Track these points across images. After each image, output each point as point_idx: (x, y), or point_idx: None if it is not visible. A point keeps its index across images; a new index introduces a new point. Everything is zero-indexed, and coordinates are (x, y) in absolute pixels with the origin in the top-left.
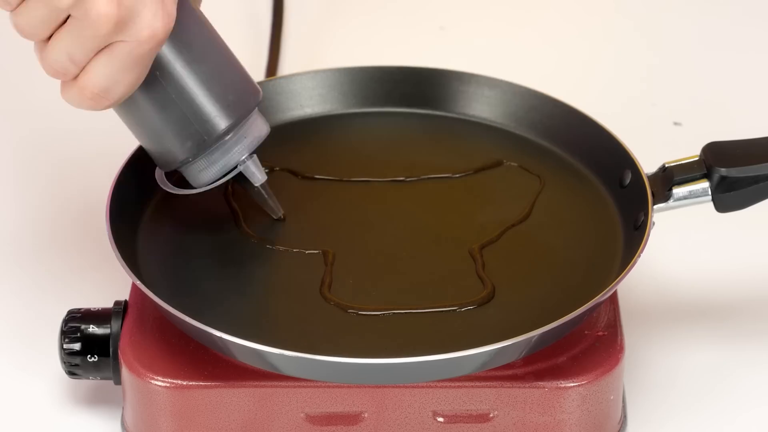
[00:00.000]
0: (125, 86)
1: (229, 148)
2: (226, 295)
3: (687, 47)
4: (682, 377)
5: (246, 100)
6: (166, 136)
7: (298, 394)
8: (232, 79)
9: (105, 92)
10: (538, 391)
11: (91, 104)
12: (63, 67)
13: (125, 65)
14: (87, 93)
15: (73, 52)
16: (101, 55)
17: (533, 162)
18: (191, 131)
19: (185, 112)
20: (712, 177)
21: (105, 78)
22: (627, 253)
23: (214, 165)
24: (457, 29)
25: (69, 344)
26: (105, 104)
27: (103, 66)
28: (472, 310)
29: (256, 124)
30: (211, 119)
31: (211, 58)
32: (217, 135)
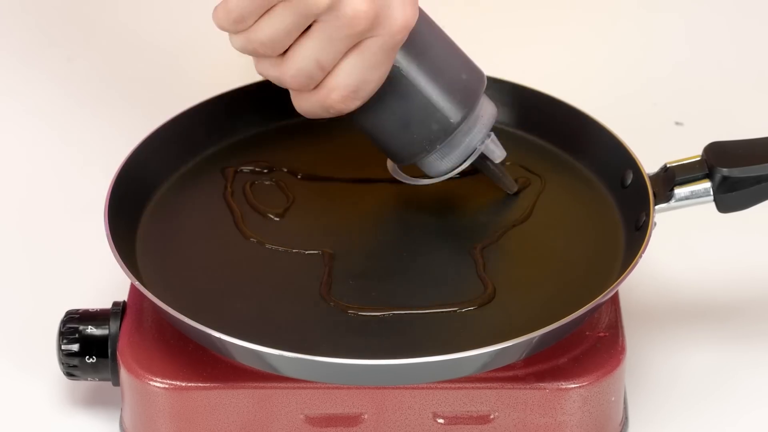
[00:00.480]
0: (375, 83)
1: (469, 130)
2: (225, 295)
3: (688, 46)
4: (684, 378)
5: (477, 82)
6: (410, 128)
7: (298, 396)
8: (462, 64)
9: (356, 92)
10: (539, 393)
11: (340, 107)
12: (310, 74)
13: (376, 61)
14: (335, 96)
15: (322, 56)
16: (350, 54)
17: (534, 162)
18: (436, 119)
19: (429, 100)
20: (714, 177)
21: (356, 77)
22: (628, 254)
23: (457, 149)
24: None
25: (67, 345)
26: (354, 105)
27: (354, 65)
28: (472, 310)
29: (486, 104)
30: (453, 104)
31: (440, 44)
32: (460, 117)
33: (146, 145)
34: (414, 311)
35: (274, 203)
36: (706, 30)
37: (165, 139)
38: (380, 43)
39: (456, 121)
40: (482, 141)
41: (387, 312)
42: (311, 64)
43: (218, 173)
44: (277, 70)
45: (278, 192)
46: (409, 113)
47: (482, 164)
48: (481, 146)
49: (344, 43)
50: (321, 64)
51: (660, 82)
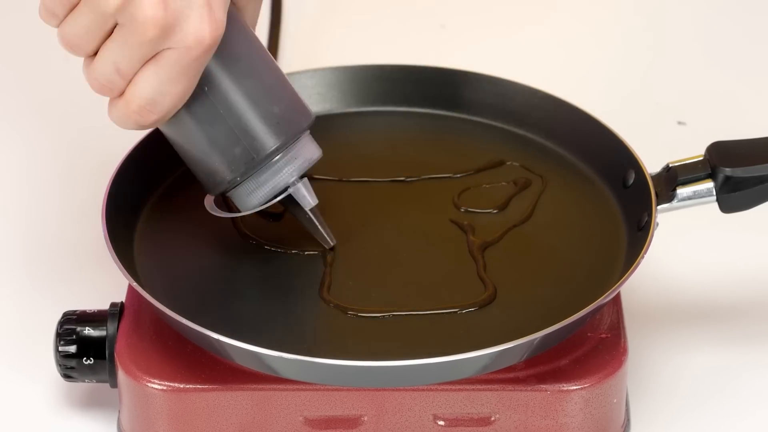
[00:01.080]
0: (173, 98)
1: (278, 169)
2: (223, 296)
3: (691, 45)
4: (686, 380)
5: (297, 121)
6: (214, 154)
7: (297, 398)
8: (282, 98)
9: (152, 105)
10: (541, 395)
11: (137, 119)
12: (109, 80)
13: (173, 75)
14: (133, 106)
15: (120, 61)
16: (148, 65)
17: (535, 162)
18: (240, 149)
19: (233, 128)
20: (717, 177)
21: (152, 89)
22: (630, 254)
23: (263, 186)
24: (457, 27)
25: (64, 347)
26: (152, 119)
27: (150, 76)
28: (473, 311)
29: (308, 146)
30: (260, 137)
31: (261, 75)
32: (266, 153)
33: (144, 145)
34: (414, 312)
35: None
36: (709, 29)
37: (163, 138)
38: (176, 56)
39: (258, 157)
40: (293, 183)
41: (387, 313)
42: (110, 68)
43: None
44: (86, 71)
45: None
46: (211, 139)
47: (296, 209)
48: (291, 188)
49: (139, 51)
50: (119, 70)
51: (662, 81)
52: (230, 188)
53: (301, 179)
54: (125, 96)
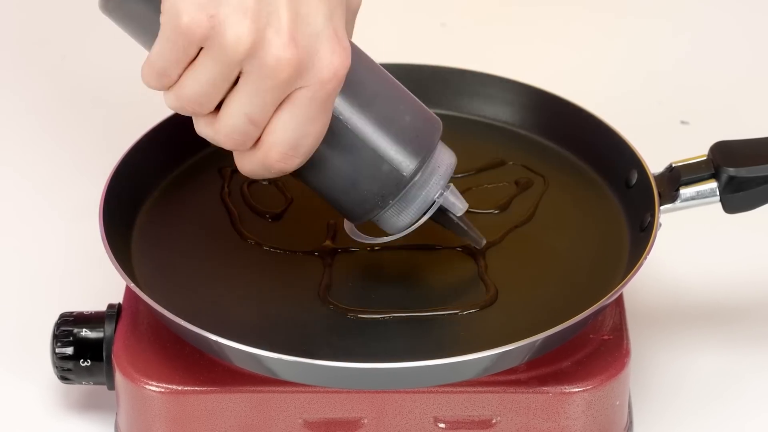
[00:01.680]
0: (313, 137)
1: (425, 182)
2: (222, 298)
3: (694, 44)
4: (690, 382)
5: (431, 130)
6: (361, 182)
7: (296, 400)
8: (413, 111)
9: (294, 149)
10: (542, 397)
11: (280, 166)
12: (243, 132)
13: (310, 113)
14: (274, 155)
15: (252, 111)
16: (282, 108)
17: (537, 162)
18: (386, 172)
19: (377, 152)
20: (720, 177)
21: (292, 132)
22: (633, 255)
23: (413, 203)
24: (458, 25)
25: (61, 348)
26: (296, 162)
27: (287, 120)
28: (474, 313)
29: (444, 153)
30: (404, 154)
31: (389, 92)
32: (413, 170)
33: (142, 145)
34: (415, 314)
35: (272, 204)
36: (712, 27)
37: (161, 138)
38: (311, 93)
39: (408, 174)
40: (440, 194)
41: (387, 314)
42: (242, 120)
43: (215, 173)
44: (212, 129)
45: (276, 192)
46: (356, 168)
47: (443, 218)
48: (439, 199)
49: (272, 95)
50: (253, 119)
51: (665, 80)
52: (379, 213)
53: (447, 187)
54: (263, 146)
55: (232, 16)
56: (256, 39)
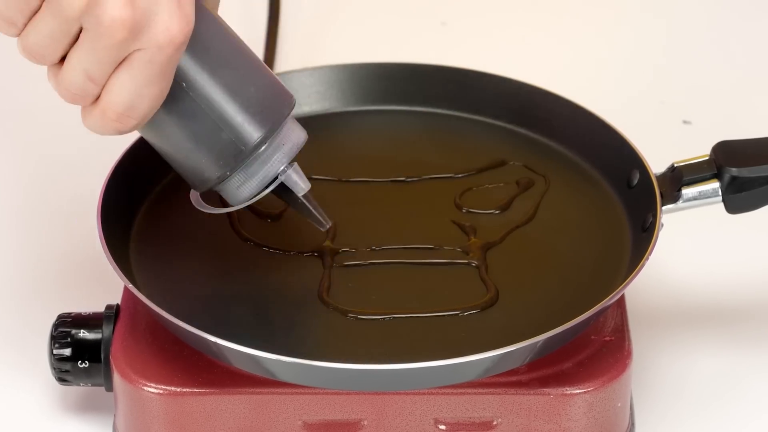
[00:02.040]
0: (151, 100)
1: (267, 158)
2: (221, 298)
3: (696, 43)
4: (692, 383)
5: (279, 105)
6: (200, 151)
7: (296, 401)
8: (262, 84)
9: (130, 110)
10: (543, 398)
11: (116, 126)
12: (81, 88)
13: (147, 76)
14: (110, 114)
15: (90, 68)
16: (120, 68)
17: (538, 161)
18: (226, 142)
19: (217, 122)
20: (723, 177)
21: (128, 93)
22: (635, 256)
23: (254, 177)
24: (458, 24)
25: (59, 350)
26: (132, 124)
27: (124, 80)
28: (475, 314)
29: (293, 130)
30: (245, 127)
31: (238, 63)
32: (254, 143)
33: (141, 144)
34: (415, 315)
35: (271, 204)
36: (715, 27)
37: None
38: (148, 56)
39: (248, 147)
40: (283, 170)
41: (387, 315)
42: (80, 76)
43: None
44: (55, 81)
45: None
46: (195, 135)
47: (288, 196)
48: (282, 176)
49: (109, 54)
50: (91, 76)
51: (667, 79)
52: (219, 183)
53: (290, 165)
54: (100, 104)
55: None
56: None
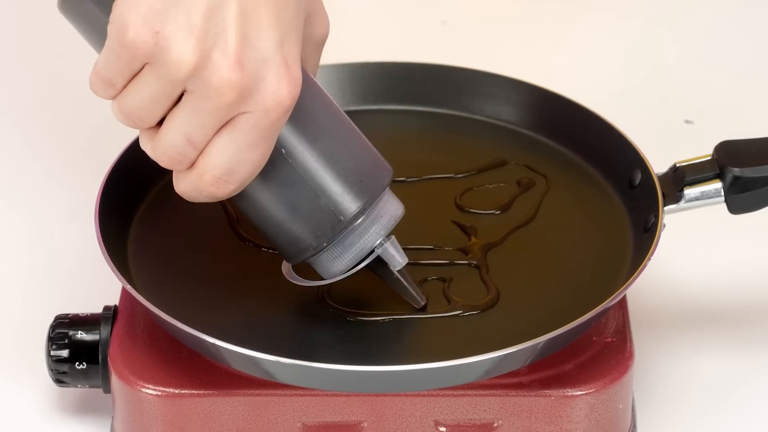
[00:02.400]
0: (251, 166)
1: (365, 230)
2: (220, 300)
3: (698, 42)
4: (694, 385)
5: (378, 176)
6: (296, 220)
7: (295, 403)
8: (361, 154)
9: (229, 175)
10: (544, 400)
11: (212, 191)
12: (180, 152)
13: (250, 140)
14: (208, 178)
15: (192, 132)
16: (222, 132)
17: (539, 161)
18: (324, 212)
19: (316, 190)
20: (725, 177)
21: (228, 158)
22: (636, 256)
23: (350, 250)
24: (459, 23)
25: (56, 351)
26: (229, 189)
27: (226, 144)
28: (475, 315)
29: (391, 202)
30: (345, 197)
31: (338, 131)
32: (352, 214)
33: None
34: (415, 316)
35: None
36: (717, 25)
37: None
38: (253, 120)
39: (346, 218)
40: (380, 243)
41: (387, 316)
42: (180, 139)
43: None
44: (151, 144)
45: None
46: (292, 204)
47: (382, 270)
48: (378, 249)
49: (214, 117)
50: (191, 139)
51: (669, 78)
52: (313, 255)
53: (388, 238)
54: (197, 167)
55: (178, 33)
56: (200, 59)
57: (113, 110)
